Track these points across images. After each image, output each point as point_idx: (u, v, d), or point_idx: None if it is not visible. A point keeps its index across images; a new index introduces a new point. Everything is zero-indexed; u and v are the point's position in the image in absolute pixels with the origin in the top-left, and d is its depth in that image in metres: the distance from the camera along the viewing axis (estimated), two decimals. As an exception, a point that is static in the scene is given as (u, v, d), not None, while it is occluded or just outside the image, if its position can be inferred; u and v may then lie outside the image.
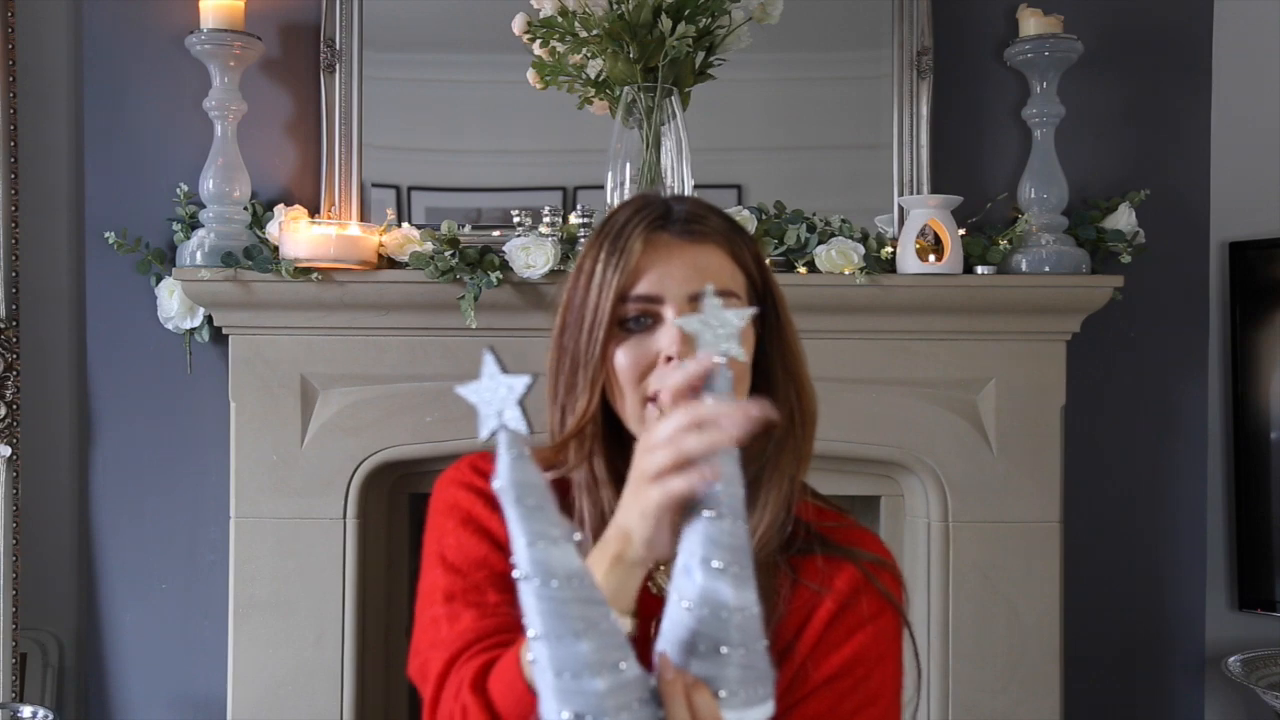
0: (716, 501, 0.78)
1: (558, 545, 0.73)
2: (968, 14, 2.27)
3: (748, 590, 0.78)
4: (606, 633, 0.74)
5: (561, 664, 0.73)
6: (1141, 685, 2.31)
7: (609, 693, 0.73)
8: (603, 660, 0.73)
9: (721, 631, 0.77)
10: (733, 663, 0.77)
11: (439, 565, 1.03)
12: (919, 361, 2.14)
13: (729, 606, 0.77)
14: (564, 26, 1.67)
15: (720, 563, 0.77)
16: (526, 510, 0.73)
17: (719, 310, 0.81)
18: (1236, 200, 2.38)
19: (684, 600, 0.78)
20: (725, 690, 0.77)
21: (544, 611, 0.73)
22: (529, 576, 0.73)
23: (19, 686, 2.20)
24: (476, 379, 0.75)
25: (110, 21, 2.24)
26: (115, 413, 2.25)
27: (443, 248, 2.04)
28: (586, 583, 0.74)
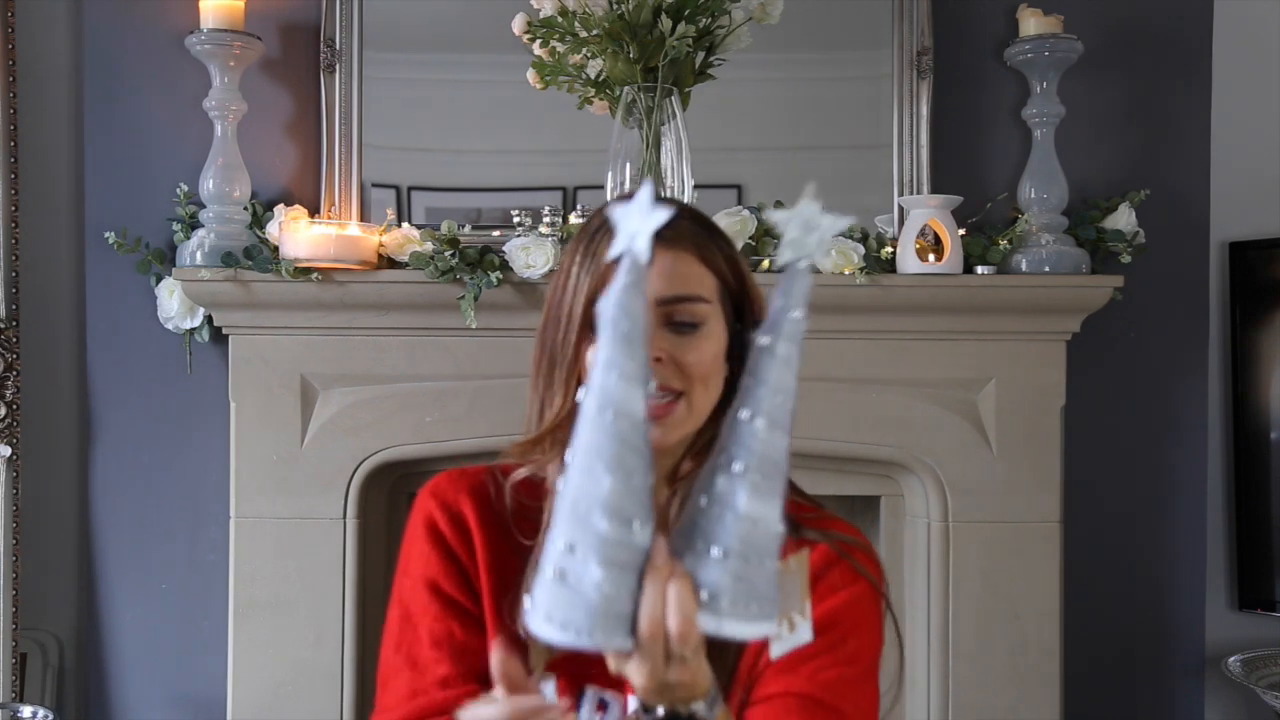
0: (755, 403, 0.74)
1: (630, 382, 0.72)
2: (968, 14, 2.27)
3: (769, 504, 0.74)
4: (635, 488, 0.72)
5: (580, 493, 0.72)
6: (1141, 685, 2.31)
7: (609, 540, 0.71)
8: (618, 507, 0.71)
9: (722, 534, 0.74)
10: (726, 569, 0.73)
11: (396, 604, 1.09)
12: (919, 361, 2.14)
13: (737, 511, 0.73)
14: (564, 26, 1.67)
15: (742, 466, 0.74)
16: (618, 335, 0.72)
17: (815, 212, 0.77)
18: (1236, 200, 2.38)
19: (702, 495, 0.75)
20: (707, 591, 0.74)
21: (588, 437, 0.72)
22: (590, 397, 0.72)
23: (19, 686, 2.20)
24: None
25: (110, 21, 2.24)
26: (115, 413, 2.25)
27: (443, 248, 2.04)
28: (639, 433, 0.72)
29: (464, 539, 1.07)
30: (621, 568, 0.72)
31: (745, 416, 0.74)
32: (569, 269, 1.01)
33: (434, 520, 1.08)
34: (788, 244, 0.75)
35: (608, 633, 0.73)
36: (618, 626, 0.73)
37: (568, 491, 0.73)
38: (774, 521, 0.74)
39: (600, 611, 0.72)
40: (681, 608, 0.73)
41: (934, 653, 2.16)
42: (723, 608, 0.73)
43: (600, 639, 0.72)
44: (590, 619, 0.72)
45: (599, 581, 0.72)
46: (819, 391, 2.11)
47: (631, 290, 0.73)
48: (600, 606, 0.72)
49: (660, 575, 0.73)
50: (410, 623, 1.06)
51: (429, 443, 2.14)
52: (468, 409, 2.13)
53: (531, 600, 0.73)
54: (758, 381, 0.75)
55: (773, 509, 0.74)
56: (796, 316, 0.74)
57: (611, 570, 0.72)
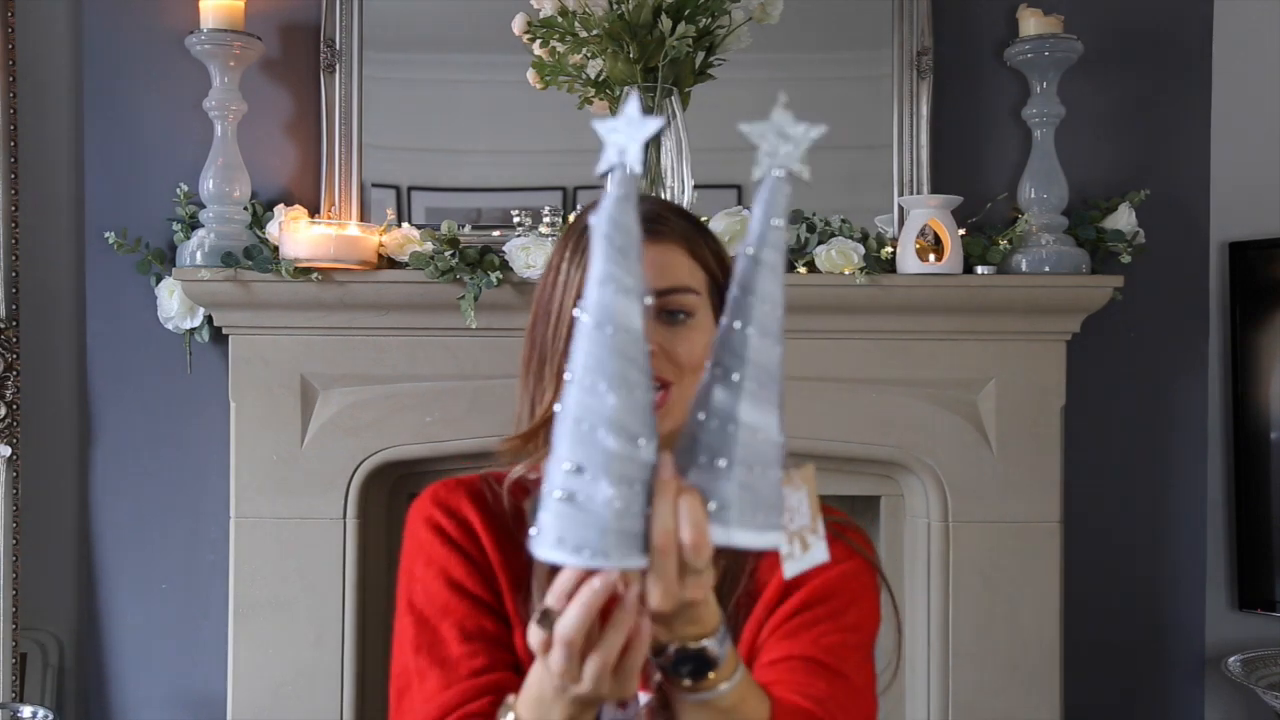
0: (745, 312, 0.73)
1: (627, 296, 0.70)
2: (968, 14, 2.27)
3: (767, 413, 0.73)
4: (638, 403, 0.71)
5: (583, 411, 0.70)
6: (1141, 685, 2.31)
7: (617, 457, 0.70)
8: (623, 423, 0.70)
9: (724, 445, 0.73)
10: (731, 479, 0.73)
11: (409, 612, 1.06)
12: (919, 361, 2.14)
13: (737, 420, 0.73)
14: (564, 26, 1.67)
15: (738, 375, 0.73)
16: (612, 249, 0.71)
17: (789, 120, 0.75)
18: (1236, 200, 2.37)
19: (699, 410, 0.74)
20: (715, 502, 0.73)
21: (587, 353, 0.70)
22: (587, 313, 0.70)
23: (19, 686, 2.20)
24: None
25: (110, 21, 2.24)
26: (115, 413, 2.25)
27: (443, 248, 2.04)
28: (639, 347, 0.71)
29: (473, 541, 1.06)
30: (630, 484, 0.71)
31: (737, 326, 0.73)
32: (558, 266, 1.01)
33: (440, 524, 1.07)
34: (764, 154, 0.74)
35: (622, 551, 0.71)
36: (632, 544, 0.72)
37: (568, 411, 0.71)
38: (774, 430, 0.74)
39: (614, 529, 0.71)
40: (693, 518, 0.72)
41: (934, 653, 2.16)
42: (731, 517, 0.73)
43: (615, 558, 0.71)
44: (604, 538, 0.70)
45: (610, 498, 0.70)
46: (819, 391, 2.11)
47: (624, 203, 0.71)
48: (613, 524, 0.71)
49: (669, 489, 0.72)
50: (429, 625, 1.04)
51: (429, 443, 2.14)
52: (468, 409, 2.13)
53: (538, 527, 0.71)
54: (745, 291, 0.74)
55: (771, 417, 0.74)
56: (778, 224, 0.74)
57: (621, 486, 0.71)
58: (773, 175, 0.74)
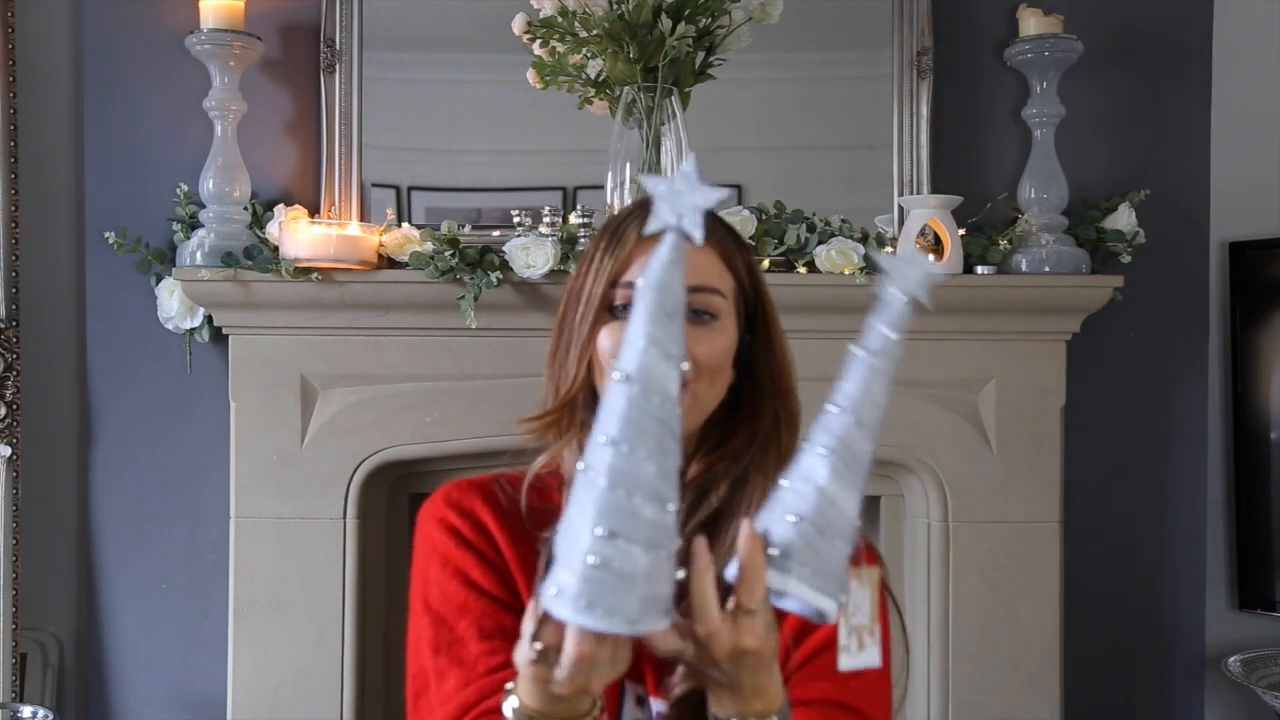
0: (848, 399, 0.79)
1: (668, 361, 0.72)
2: (968, 14, 2.27)
3: (847, 490, 0.78)
4: (669, 470, 0.72)
5: (619, 477, 0.71)
6: (1141, 685, 2.31)
7: (651, 524, 0.71)
8: (659, 491, 0.72)
9: (799, 503, 0.77)
10: (797, 532, 0.76)
11: (425, 613, 1.06)
12: (919, 361, 2.14)
13: (818, 486, 0.77)
14: (564, 26, 1.67)
15: (825, 449, 0.78)
16: (659, 312, 0.73)
17: (922, 260, 0.83)
18: (1236, 200, 2.38)
19: (784, 478, 0.79)
20: (777, 549, 0.76)
21: (628, 419, 0.72)
22: (629, 380, 0.72)
23: (19, 686, 2.20)
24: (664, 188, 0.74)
25: (110, 21, 2.24)
26: (115, 413, 2.25)
27: (443, 248, 2.04)
28: (675, 412, 0.73)
29: (488, 540, 1.07)
30: (660, 548, 0.73)
31: (836, 410, 0.79)
32: (593, 256, 1.03)
33: (454, 525, 1.08)
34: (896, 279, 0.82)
35: (649, 617, 0.72)
36: (656, 609, 0.73)
37: (598, 472, 0.72)
38: (851, 510, 0.78)
39: (644, 595, 0.72)
40: (750, 557, 0.74)
41: (934, 653, 2.16)
42: (791, 566, 0.76)
43: (644, 624, 0.72)
44: (635, 604, 0.71)
45: (646, 567, 0.71)
46: (819, 391, 2.08)
47: (674, 267, 0.73)
48: (645, 591, 0.72)
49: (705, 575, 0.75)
50: (446, 625, 1.04)
51: (429, 443, 2.14)
52: (468, 409, 2.13)
53: (558, 586, 0.72)
54: (854, 385, 0.80)
55: (851, 497, 0.79)
56: (894, 338, 0.82)
57: (652, 553, 0.72)
58: (899, 298, 0.82)
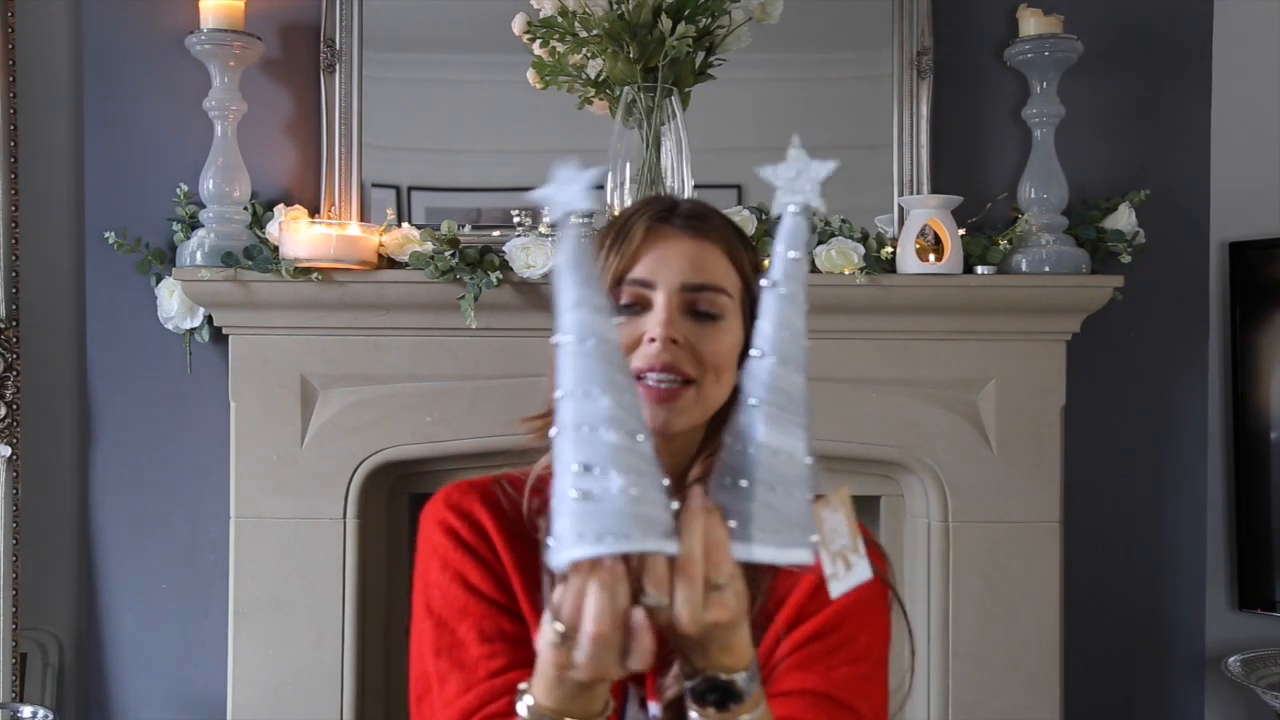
0: (763, 340, 0.78)
1: (599, 313, 0.74)
2: (968, 14, 2.27)
3: (788, 435, 0.77)
4: (629, 403, 0.74)
5: (581, 417, 0.73)
6: (1141, 685, 2.31)
7: (621, 449, 0.72)
8: (620, 420, 0.73)
9: (744, 466, 0.76)
10: (749, 498, 0.76)
11: (427, 616, 1.06)
12: (919, 361, 2.14)
13: (757, 443, 0.76)
14: (564, 26, 1.67)
15: (755, 399, 0.77)
16: (578, 278, 0.74)
17: (804, 158, 0.81)
18: (1236, 200, 2.37)
19: (727, 435, 0.78)
20: (735, 521, 0.76)
21: (574, 368, 0.74)
22: (567, 336, 0.74)
23: (19, 686, 2.20)
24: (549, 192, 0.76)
25: (110, 21, 2.24)
26: (115, 413, 2.25)
27: (443, 248, 2.04)
28: (619, 355, 0.75)
29: (487, 543, 1.06)
30: (639, 472, 0.73)
31: (756, 354, 0.78)
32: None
33: (454, 527, 1.07)
34: (782, 191, 0.79)
35: (644, 533, 0.72)
36: (652, 529, 0.73)
37: (565, 421, 0.74)
38: (797, 452, 0.77)
39: (631, 514, 0.72)
40: (713, 535, 0.74)
41: (934, 653, 2.16)
42: (752, 534, 0.75)
43: (638, 539, 0.72)
44: (623, 522, 0.72)
45: (623, 486, 0.72)
46: (819, 391, 2.09)
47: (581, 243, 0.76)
48: (630, 509, 0.72)
49: (695, 516, 0.74)
50: (447, 628, 1.04)
51: (429, 443, 2.14)
52: (468, 409, 2.13)
53: (555, 536, 0.73)
54: (765, 320, 0.78)
55: (794, 440, 0.77)
56: (796, 257, 0.79)
57: (631, 474, 0.72)
58: (790, 211, 0.79)
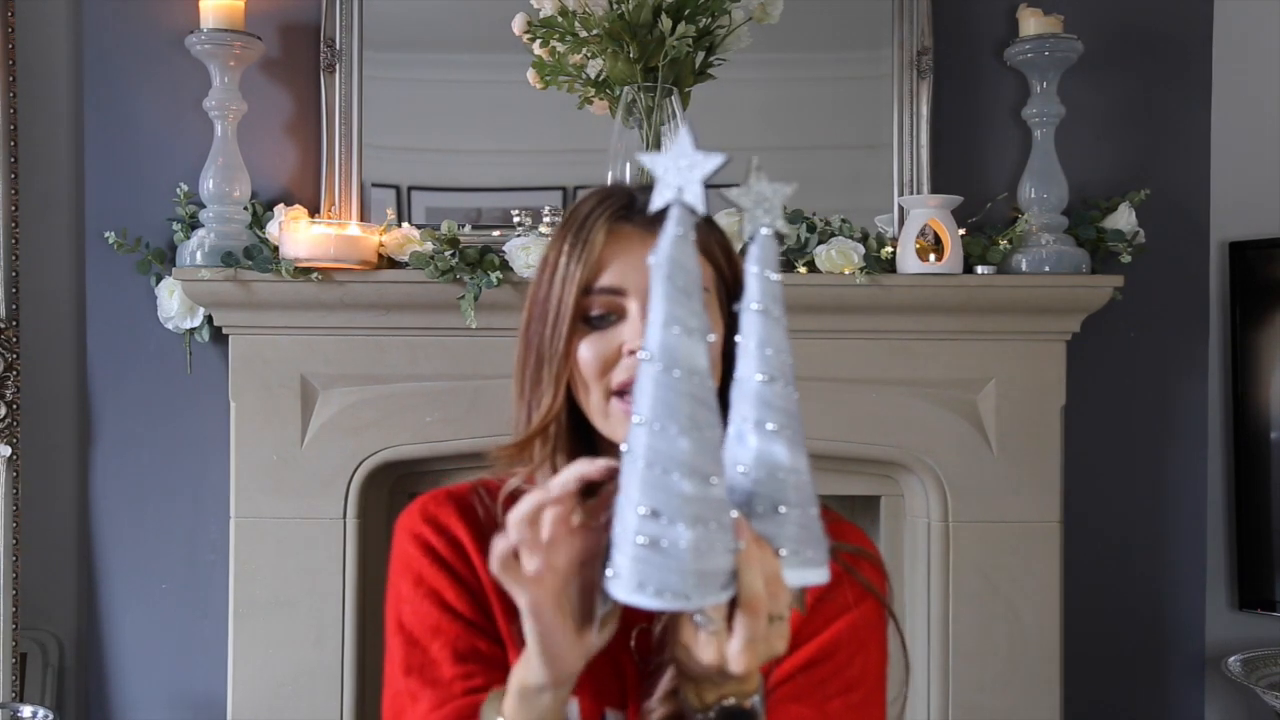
0: (765, 363, 0.76)
1: (691, 336, 0.72)
2: (968, 14, 2.27)
3: (801, 454, 0.76)
4: (709, 442, 0.72)
5: (655, 455, 0.71)
6: (1141, 685, 2.31)
7: (693, 499, 0.71)
8: (696, 466, 0.72)
9: (779, 491, 0.75)
10: (791, 521, 0.75)
11: (398, 633, 1.02)
12: (919, 361, 2.14)
13: (785, 467, 0.75)
14: (564, 26, 1.67)
15: (774, 425, 0.76)
16: (673, 290, 0.72)
17: (763, 182, 0.79)
18: (1236, 200, 2.38)
19: (739, 465, 0.76)
20: (786, 549, 0.76)
21: (656, 398, 0.72)
22: (653, 359, 0.72)
23: (19, 686, 2.20)
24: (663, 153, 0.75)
25: (110, 21, 2.24)
26: (115, 413, 2.25)
27: (443, 248, 2.04)
28: (706, 386, 0.73)
29: (463, 559, 1.01)
30: (707, 524, 0.72)
31: (760, 378, 0.76)
32: (555, 261, 0.97)
33: (429, 541, 1.02)
34: (750, 216, 0.79)
35: (703, 591, 0.73)
36: (712, 583, 0.73)
37: (637, 454, 0.72)
38: (807, 469, 0.77)
39: (693, 571, 0.72)
40: (772, 570, 0.74)
41: (934, 653, 2.16)
42: (799, 559, 0.76)
43: (696, 598, 0.72)
44: (685, 580, 0.72)
45: (692, 542, 0.71)
46: (819, 391, 2.11)
47: (683, 242, 0.74)
48: (693, 566, 0.72)
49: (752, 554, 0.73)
50: (419, 646, 0.99)
51: (429, 443, 2.14)
52: (468, 409, 2.13)
53: (614, 569, 0.73)
54: (762, 343, 0.76)
55: (804, 458, 0.77)
56: (774, 278, 0.78)
57: (698, 528, 0.72)
58: (762, 233, 0.78)
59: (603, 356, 0.95)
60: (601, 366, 0.95)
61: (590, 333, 0.95)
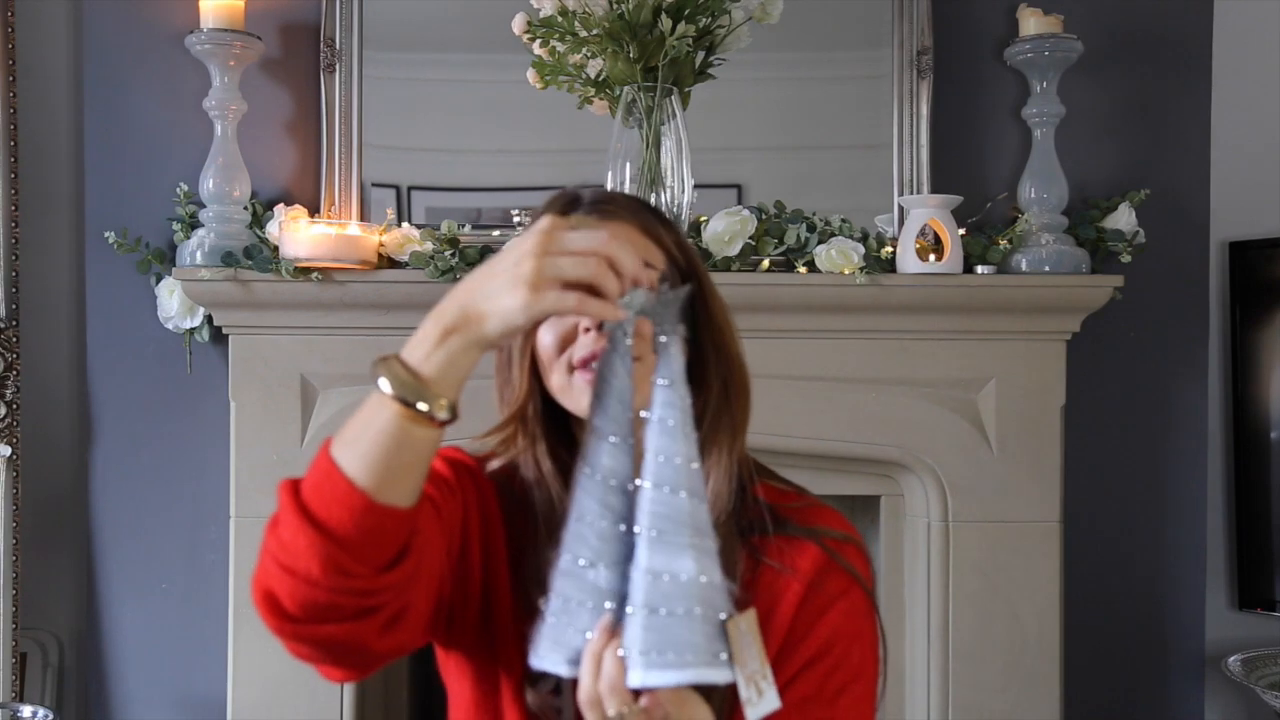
0: (644, 469, 0.82)
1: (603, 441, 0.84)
2: (968, 14, 2.27)
3: (673, 557, 0.79)
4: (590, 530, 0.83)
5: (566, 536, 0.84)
6: (1141, 685, 2.31)
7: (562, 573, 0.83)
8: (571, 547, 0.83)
9: (632, 592, 0.80)
10: (636, 623, 0.79)
11: None
12: (919, 361, 2.14)
13: (640, 568, 0.80)
14: (564, 26, 1.67)
15: (645, 528, 0.81)
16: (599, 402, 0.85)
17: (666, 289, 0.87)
18: (1236, 200, 2.38)
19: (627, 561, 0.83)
20: (622, 649, 0.80)
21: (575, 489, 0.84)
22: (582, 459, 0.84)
23: (19, 686, 2.20)
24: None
25: (110, 21, 2.24)
26: (115, 413, 2.25)
27: (443, 247, 2.04)
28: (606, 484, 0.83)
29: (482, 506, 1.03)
30: (567, 599, 0.82)
31: (635, 483, 0.83)
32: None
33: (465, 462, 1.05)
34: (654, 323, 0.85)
35: (551, 657, 0.82)
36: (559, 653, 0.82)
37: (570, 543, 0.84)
38: (685, 571, 0.80)
39: (547, 636, 0.82)
40: (605, 667, 0.79)
41: (934, 653, 2.16)
42: (637, 659, 0.79)
43: (548, 664, 0.83)
44: (540, 642, 0.83)
45: (550, 608, 0.82)
46: (819, 391, 2.11)
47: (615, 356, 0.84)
48: (547, 632, 0.82)
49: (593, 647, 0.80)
50: None
51: (429, 443, 2.13)
52: (467, 409, 2.11)
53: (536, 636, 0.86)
54: (645, 449, 0.83)
55: (680, 560, 0.80)
56: (664, 383, 0.83)
57: (557, 600, 0.82)
58: (660, 341, 0.84)
59: (560, 336, 0.99)
60: (559, 345, 0.99)
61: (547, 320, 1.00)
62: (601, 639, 0.80)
